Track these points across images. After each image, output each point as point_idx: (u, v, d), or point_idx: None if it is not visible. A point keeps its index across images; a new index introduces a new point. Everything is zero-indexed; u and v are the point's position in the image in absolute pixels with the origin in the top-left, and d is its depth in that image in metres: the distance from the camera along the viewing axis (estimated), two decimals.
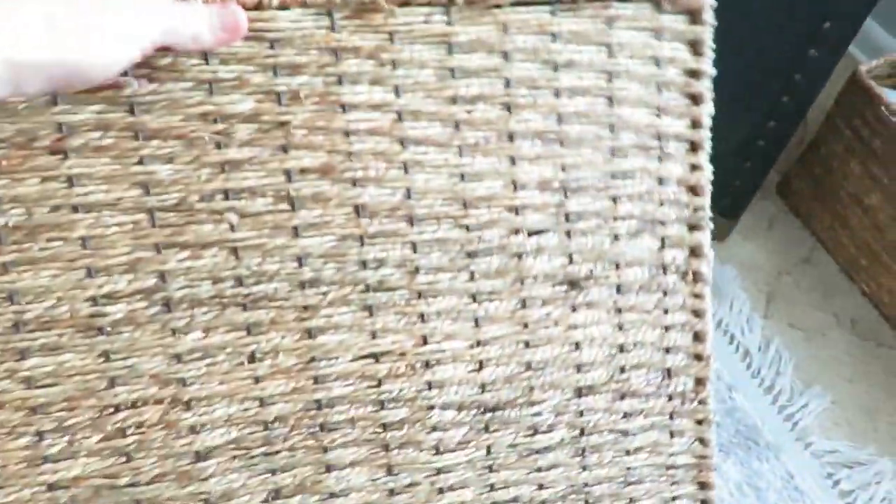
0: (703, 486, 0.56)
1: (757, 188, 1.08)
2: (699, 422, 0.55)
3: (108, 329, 0.40)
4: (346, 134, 0.43)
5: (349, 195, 0.43)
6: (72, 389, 0.40)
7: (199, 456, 0.43)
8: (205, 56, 0.39)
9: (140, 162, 0.39)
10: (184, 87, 0.40)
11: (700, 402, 0.54)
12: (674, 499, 0.55)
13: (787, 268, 1.13)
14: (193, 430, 0.42)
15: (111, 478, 0.41)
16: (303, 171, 0.42)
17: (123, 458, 0.41)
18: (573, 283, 0.49)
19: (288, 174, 0.42)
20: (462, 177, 0.45)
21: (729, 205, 1.08)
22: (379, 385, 0.46)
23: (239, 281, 0.42)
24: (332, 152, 0.43)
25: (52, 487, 0.40)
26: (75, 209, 0.39)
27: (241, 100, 0.40)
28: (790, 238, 1.17)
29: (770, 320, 1.05)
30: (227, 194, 0.41)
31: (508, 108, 0.46)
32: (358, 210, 0.44)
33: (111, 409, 0.41)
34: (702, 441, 0.55)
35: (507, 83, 0.45)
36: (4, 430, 0.39)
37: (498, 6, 0.44)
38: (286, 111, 0.41)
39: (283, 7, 0.40)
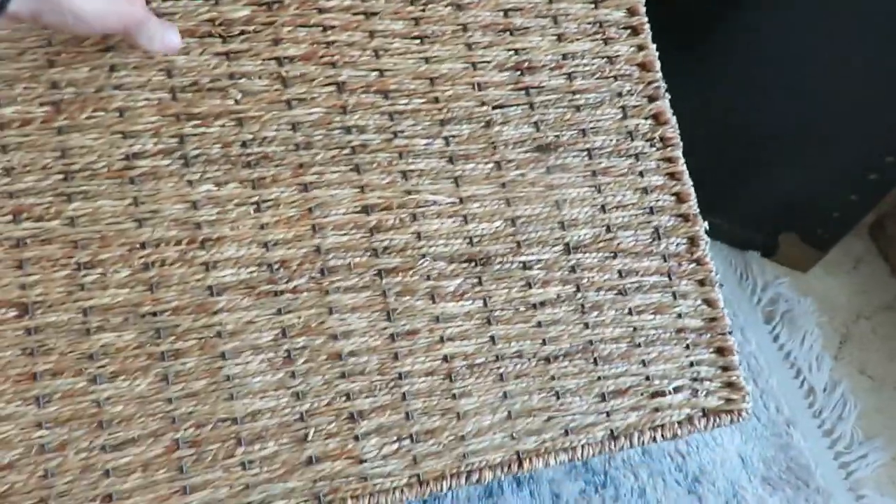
0: (722, 351, 0.55)
1: (856, 224, 1.03)
2: (701, 282, 0.56)
3: (137, 180, 0.49)
4: (324, 29, 0.54)
5: (330, 75, 0.53)
6: (106, 229, 0.48)
7: (213, 291, 0.49)
8: None
9: (164, 53, 0.51)
10: (195, 2, 0.53)
11: (697, 263, 0.56)
12: (692, 364, 0.55)
13: (867, 312, 1.08)
14: (207, 267, 0.49)
15: (136, 307, 0.48)
16: (290, 58, 0.53)
17: (147, 290, 0.48)
18: (542, 148, 0.55)
19: (279, 60, 0.53)
20: (426, 60, 0.55)
21: (821, 236, 1.03)
22: (371, 235, 0.52)
23: (243, 144, 0.51)
24: (314, 43, 0.53)
25: (86, 312, 0.47)
26: (114, 88, 0.50)
27: (238, 8, 0.53)
28: (875, 282, 1.12)
29: (840, 362, 1.00)
30: (231, 76, 0.52)
31: (458, 6, 0.56)
32: (339, 87, 0.53)
33: (138, 247, 0.49)
34: (708, 303, 0.56)
35: None
36: (50, 261, 0.47)
37: None
38: (274, 14, 0.53)
39: None
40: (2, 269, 0.47)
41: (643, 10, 0.59)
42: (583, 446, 0.52)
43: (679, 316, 0.55)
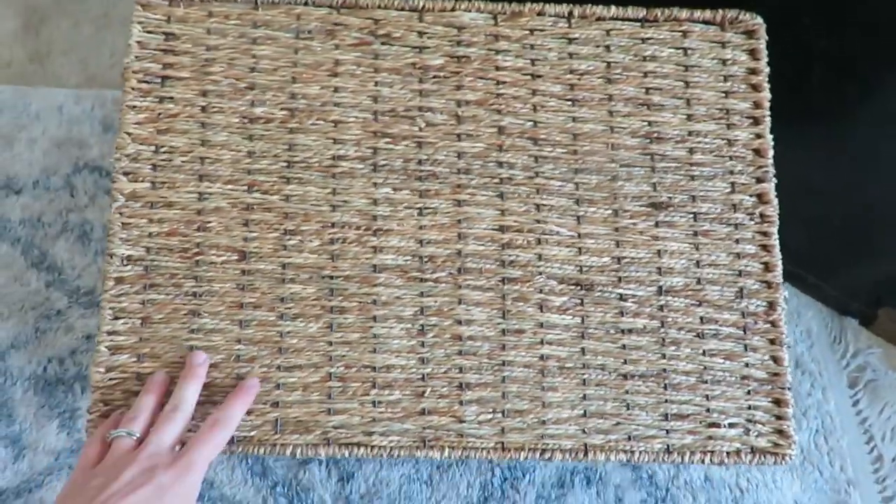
0: (779, 402, 0.61)
1: None
2: (772, 341, 0.62)
3: (338, 175, 0.62)
4: (497, 83, 0.64)
5: (495, 119, 0.63)
6: (309, 208, 0.61)
7: (376, 269, 0.60)
8: (418, 33, 0.65)
9: (375, 84, 0.64)
10: (404, 49, 0.65)
11: (772, 324, 0.62)
12: (749, 407, 0.60)
13: None
14: (375, 250, 0.61)
15: (320, 269, 0.60)
16: (467, 101, 0.64)
17: (330, 259, 0.60)
18: (656, 206, 0.63)
19: (458, 102, 0.64)
20: (573, 119, 0.64)
21: None
22: (503, 249, 0.61)
23: (419, 162, 0.63)
24: (487, 93, 0.64)
25: (284, 266, 0.60)
26: (335, 105, 0.63)
27: (436, 58, 0.64)
28: None
29: None
30: (420, 109, 0.63)
31: (608, 80, 0.65)
32: (500, 129, 0.63)
33: (329, 225, 0.61)
34: (775, 359, 0.61)
35: (608, 65, 0.65)
36: (267, 225, 0.61)
37: (602, 19, 0.66)
38: (461, 66, 0.64)
39: (467, 10, 0.65)
40: (234, 224, 0.60)
41: (767, 104, 0.65)
42: (640, 452, 0.59)
43: (746, 365, 0.61)
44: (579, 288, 0.61)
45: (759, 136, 0.64)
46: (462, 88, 0.64)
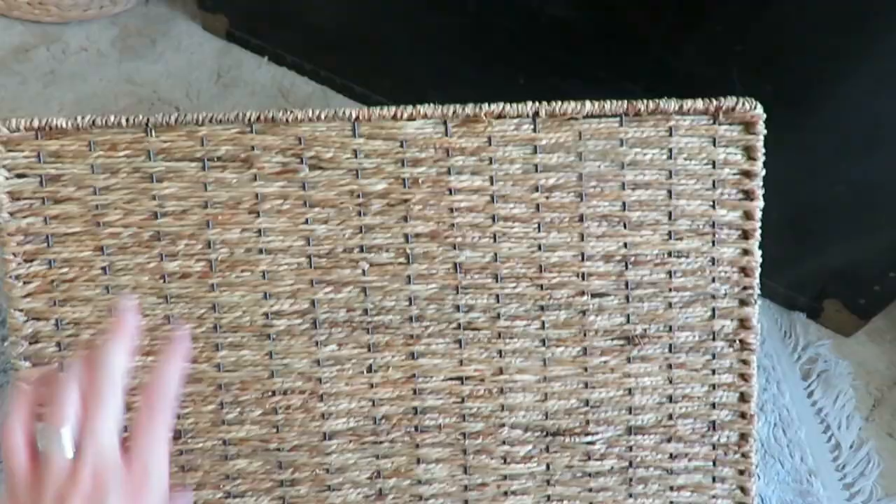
0: None
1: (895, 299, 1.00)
2: (741, 472, 0.57)
3: (274, 336, 0.52)
4: (451, 210, 0.52)
5: (450, 255, 0.52)
6: (245, 375, 0.52)
7: (326, 436, 0.53)
8: (354, 152, 0.51)
9: (306, 222, 0.51)
10: (339, 172, 0.51)
11: (743, 455, 0.57)
12: None
13: None
14: (324, 416, 0.53)
15: (264, 442, 0.53)
16: (417, 235, 0.52)
17: (274, 430, 0.53)
18: (629, 339, 0.55)
19: (406, 237, 0.52)
20: (539, 247, 0.53)
21: (864, 305, 1.01)
22: (462, 402, 0.54)
23: (365, 311, 0.53)
24: (440, 223, 0.52)
25: (225, 443, 0.52)
26: (261, 251, 0.51)
27: (377, 182, 0.51)
28: None
29: (871, 424, 0.98)
30: (362, 248, 0.52)
31: (580, 195, 0.53)
32: (456, 267, 0.53)
33: (270, 393, 0.52)
34: (742, 489, 0.57)
35: (580, 177, 0.53)
36: (200, 397, 0.52)
37: (574, 118, 0.52)
38: (408, 191, 0.52)
39: (411, 119, 0.51)
40: None
41: (759, 215, 0.54)
42: None
43: (714, 497, 0.57)
44: (545, 434, 0.55)
45: (746, 251, 0.55)
46: (410, 220, 0.52)
